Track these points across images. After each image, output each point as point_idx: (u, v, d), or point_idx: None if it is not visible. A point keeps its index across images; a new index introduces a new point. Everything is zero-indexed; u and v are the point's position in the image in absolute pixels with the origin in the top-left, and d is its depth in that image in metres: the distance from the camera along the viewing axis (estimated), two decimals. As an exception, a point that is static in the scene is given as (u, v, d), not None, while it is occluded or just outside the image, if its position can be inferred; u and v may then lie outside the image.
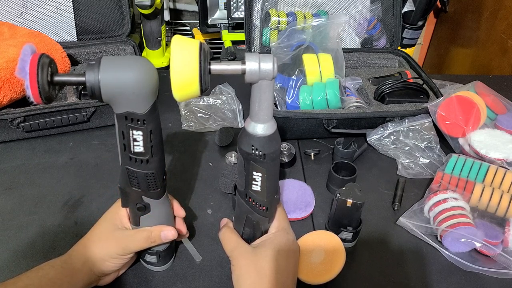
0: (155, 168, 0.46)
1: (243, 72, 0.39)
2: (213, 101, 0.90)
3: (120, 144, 0.43)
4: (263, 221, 0.51)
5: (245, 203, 0.49)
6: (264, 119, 0.42)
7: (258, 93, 0.40)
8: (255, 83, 0.40)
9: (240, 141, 0.45)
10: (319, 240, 0.60)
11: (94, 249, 0.50)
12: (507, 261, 0.59)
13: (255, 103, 0.41)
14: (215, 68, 0.39)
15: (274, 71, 0.39)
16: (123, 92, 0.39)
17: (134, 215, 0.51)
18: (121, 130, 0.42)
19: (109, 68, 0.38)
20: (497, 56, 1.39)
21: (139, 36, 1.27)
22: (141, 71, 0.39)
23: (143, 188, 0.47)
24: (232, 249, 0.51)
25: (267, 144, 0.43)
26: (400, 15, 1.03)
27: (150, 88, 0.40)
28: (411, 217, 0.67)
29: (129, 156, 0.44)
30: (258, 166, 0.44)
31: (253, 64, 0.38)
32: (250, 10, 0.99)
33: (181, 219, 0.57)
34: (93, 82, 0.38)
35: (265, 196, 0.48)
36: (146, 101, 0.41)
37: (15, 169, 0.74)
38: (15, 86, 0.74)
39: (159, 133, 0.44)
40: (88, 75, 0.38)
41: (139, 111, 0.41)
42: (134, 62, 0.40)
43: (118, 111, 0.41)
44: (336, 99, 0.81)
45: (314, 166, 0.79)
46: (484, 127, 0.76)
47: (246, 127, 0.44)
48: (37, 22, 0.95)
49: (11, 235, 0.62)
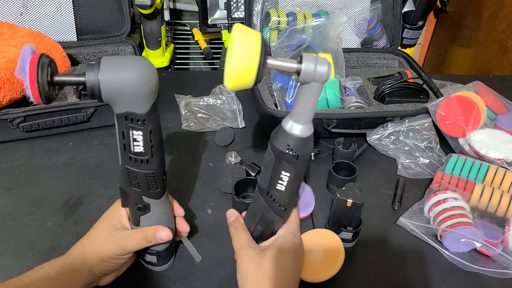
0: (155, 168, 0.46)
1: (297, 71, 0.38)
2: (213, 101, 0.90)
3: (120, 144, 0.43)
4: (278, 221, 0.51)
5: (265, 201, 0.49)
6: (305, 121, 0.42)
7: (307, 94, 0.40)
8: (306, 84, 0.39)
9: (274, 138, 0.44)
10: (318, 238, 0.60)
11: (93, 250, 0.50)
12: (507, 261, 0.59)
13: (301, 103, 0.41)
14: (271, 63, 0.38)
15: (328, 75, 0.38)
16: (123, 92, 0.39)
17: (134, 215, 0.51)
18: (121, 130, 0.42)
19: (109, 68, 0.38)
20: (497, 56, 1.39)
21: (139, 36, 1.27)
22: (141, 71, 0.39)
23: (143, 188, 0.47)
24: (241, 248, 0.50)
25: (303, 145, 0.43)
26: (400, 15, 1.03)
27: (150, 88, 0.40)
28: (411, 217, 0.67)
29: (129, 156, 0.44)
30: (289, 166, 0.44)
31: (310, 65, 0.38)
32: (250, 10, 0.99)
33: (182, 217, 0.57)
34: (93, 82, 0.38)
35: (288, 196, 0.47)
36: (146, 101, 0.41)
37: (15, 169, 0.74)
38: (15, 86, 0.74)
39: (159, 133, 0.44)
40: (88, 75, 0.37)
41: (139, 111, 0.41)
42: (134, 62, 0.40)
43: (118, 111, 0.41)
44: (336, 99, 0.81)
45: (314, 166, 0.79)
46: (484, 127, 0.76)
47: (283, 126, 0.43)
48: (37, 22, 0.95)
49: (11, 235, 0.62)
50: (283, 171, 0.45)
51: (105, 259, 0.50)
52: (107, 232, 0.51)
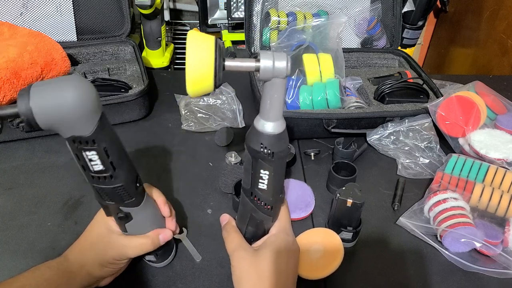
0: (122, 181, 0.43)
1: (256, 69, 0.39)
2: (213, 101, 0.90)
3: (79, 165, 0.41)
4: (267, 220, 0.51)
5: (250, 202, 0.49)
6: (275, 118, 0.42)
7: (270, 91, 0.40)
8: (268, 81, 0.40)
9: (248, 139, 0.44)
10: (317, 237, 0.60)
11: (92, 255, 0.50)
12: (507, 261, 0.59)
13: (267, 101, 0.41)
14: (229, 65, 0.38)
15: (288, 69, 0.39)
16: (61, 118, 0.36)
17: (119, 224, 0.50)
18: (75, 153, 0.40)
19: (40, 94, 0.35)
20: (497, 56, 1.39)
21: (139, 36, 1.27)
22: (74, 92, 0.36)
23: (116, 201, 0.46)
24: (234, 250, 0.51)
25: (276, 142, 0.43)
26: (400, 15, 1.03)
27: (88, 108, 0.37)
28: (411, 217, 0.67)
29: (91, 175, 0.42)
30: (266, 164, 0.44)
31: (268, 61, 0.38)
32: (250, 10, 0.99)
33: (170, 217, 0.56)
34: (25, 113, 0.35)
35: (271, 194, 0.48)
36: (89, 121, 0.38)
37: (15, 169, 0.74)
38: (15, 86, 0.74)
39: (116, 147, 0.42)
40: (20, 105, 0.35)
41: (85, 133, 0.38)
42: (66, 83, 0.36)
43: (64, 136, 0.38)
44: (336, 99, 0.81)
45: (314, 166, 0.79)
46: (484, 127, 0.76)
47: (255, 125, 0.43)
48: (37, 22, 0.95)
49: (11, 235, 0.62)
50: (261, 170, 0.45)
51: (104, 264, 0.50)
52: (104, 237, 0.51)
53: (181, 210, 0.68)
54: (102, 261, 0.50)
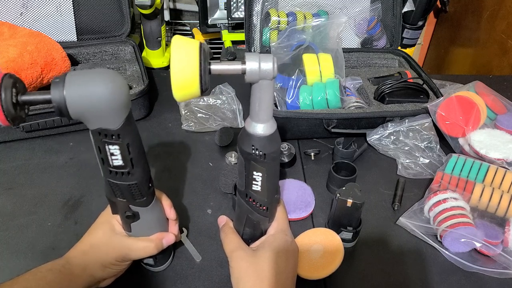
0: (137, 179, 0.44)
1: (243, 72, 0.39)
2: (213, 101, 0.90)
3: (98, 158, 0.42)
4: (264, 221, 0.51)
5: (246, 203, 0.49)
6: (264, 119, 0.42)
7: (258, 93, 0.40)
8: (255, 83, 0.40)
9: (240, 141, 0.44)
10: (318, 237, 0.60)
11: (94, 256, 0.50)
12: (507, 261, 0.59)
13: (255, 103, 0.41)
14: (215, 68, 0.38)
15: (274, 71, 0.39)
16: (92, 109, 0.37)
17: (125, 223, 0.51)
18: (97, 145, 0.40)
19: (75, 84, 0.35)
20: (497, 56, 1.39)
21: (139, 36, 1.27)
22: (109, 85, 0.36)
23: (128, 198, 0.46)
24: (232, 251, 0.51)
25: (268, 144, 0.43)
26: (400, 15, 1.03)
27: (120, 103, 0.38)
28: (411, 217, 0.67)
29: (108, 169, 0.42)
30: (259, 166, 0.44)
31: (253, 64, 0.38)
32: (250, 10, 0.99)
33: (174, 221, 0.56)
34: (58, 100, 0.35)
35: (266, 196, 0.48)
36: (118, 116, 0.38)
37: (15, 169, 0.74)
38: (15, 86, 0.74)
39: (137, 145, 0.43)
40: (53, 93, 0.35)
41: (112, 127, 0.38)
42: (101, 76, 0.37)
43: (91, 127, 0.39)
44: (336, 99, 0.81)
45: (314, 166, 0.79)
46: (484, 127, 0.76)
47: (246, 127, 0.44)
48: (37, 22, 0.95)
49: (11, 235, 0.62)
50: (254, 172, 0.45)
51: (106, 265, 0.50)
52: (107, 239, 0.51)
53: (181, 210, 0.68)
54: (105, 262, 0.50)
